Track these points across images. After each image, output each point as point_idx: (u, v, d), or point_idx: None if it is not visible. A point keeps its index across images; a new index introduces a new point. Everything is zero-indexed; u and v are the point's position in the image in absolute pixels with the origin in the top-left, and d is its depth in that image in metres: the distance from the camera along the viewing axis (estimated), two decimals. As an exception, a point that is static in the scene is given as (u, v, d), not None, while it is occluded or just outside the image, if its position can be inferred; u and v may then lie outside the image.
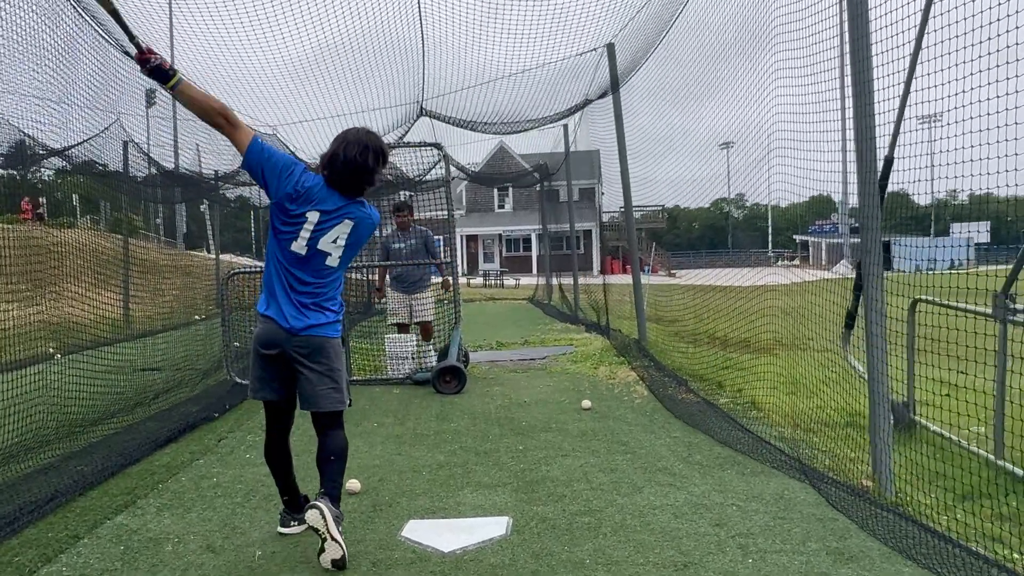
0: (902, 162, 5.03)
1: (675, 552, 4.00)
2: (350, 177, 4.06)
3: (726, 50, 8.15)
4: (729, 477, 5.24)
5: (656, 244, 40.73)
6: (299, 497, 4.46)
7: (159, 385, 8.90)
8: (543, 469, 5.60)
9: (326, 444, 4.18)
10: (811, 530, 4.23)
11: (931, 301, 5.71)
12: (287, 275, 4.10)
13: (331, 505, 3.95)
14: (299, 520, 4.31)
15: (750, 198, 59.02)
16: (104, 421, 7.04)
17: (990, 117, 3.67)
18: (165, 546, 4.29)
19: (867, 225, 4.79)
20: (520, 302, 25.76)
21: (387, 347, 9.86)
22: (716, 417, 6.82)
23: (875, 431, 4.81)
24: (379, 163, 4.10)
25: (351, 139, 4.08)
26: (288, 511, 4.46)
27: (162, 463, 6.01)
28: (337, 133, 4.17)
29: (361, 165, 4.04)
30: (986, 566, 3.58)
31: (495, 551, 4.10)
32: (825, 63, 5.15)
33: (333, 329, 4.18)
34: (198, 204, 26.07)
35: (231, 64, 9.48)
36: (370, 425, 7.19)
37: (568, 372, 9.88)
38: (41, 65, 6.65)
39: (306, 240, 4.04)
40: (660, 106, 11.12)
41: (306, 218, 4.03)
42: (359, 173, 4.06)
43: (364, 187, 4.14)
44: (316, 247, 4.06)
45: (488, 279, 39.83)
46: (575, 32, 10.43)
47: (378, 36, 10.10)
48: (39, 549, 4.25)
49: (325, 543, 3.85)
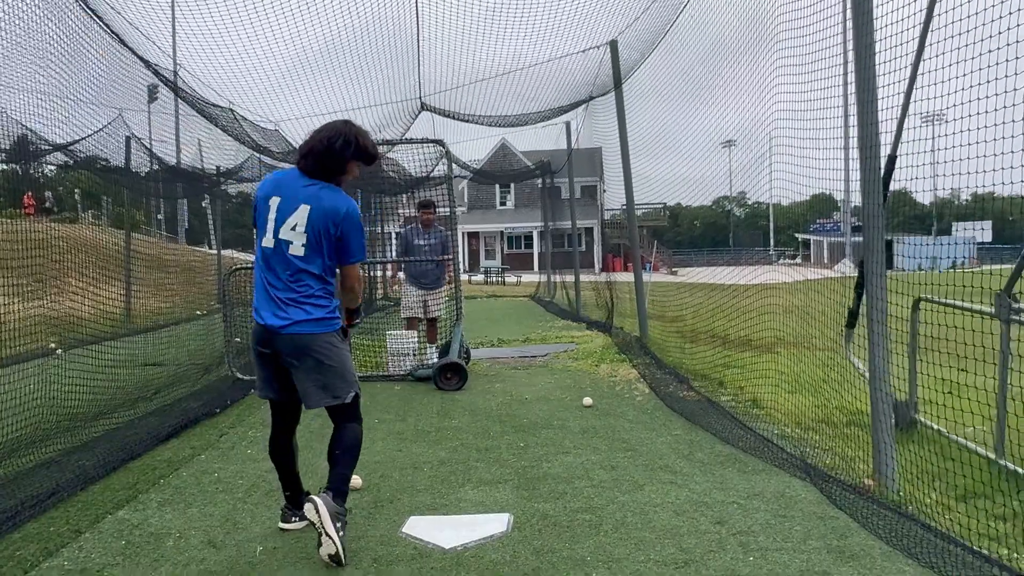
0: (904, 160, 5.02)
1: (676, 550, 4.00)
2: (315, 159, 4.12)
3: (729, 48, 8.14)
4: (730, 475, 5.24)
5: (658, 242, 40.71)
6: (301, 494, 4.46)
7: (161, 380, 8.90)
8: (544, 466, 5.60)
9: (334, 436, 4.22)
10: (812, 528, 4.23)
11: (934, 300, 5.71)
12: (264, 273, 4.14)
13: (331, 500, 3.92)
14: (300, 516, 4.31)
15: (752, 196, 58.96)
16: (106, 415, 7.05)
17: (994, 114, 3.66)
18: (166, 541, 4.30)
19: (870, 223, 4.78)
20: (522, 299, 25.76)
21: (388, 344, 9.89)
22: (717, 415, 6.82)
23: (877, 430, 4.80)
24: (347, 149, 4.13)
25: (325, 127, 4.20)
26: (290, 507, 4.46)
27: (164, 458, 6.02)
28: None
29: (326, 148, 4.10)
30: (987, 565, 3.58)
31: (496, 548, 4.10)
32: (828, 60, 5.14)
33: (318, 325, 4.10)
34: (200, 199, 26.09)
35: (233, 60, 9.48)
36: (371, 421, 7.18)
37: (569, 369, 9.88)
38: (44, 60, 6.66)
39: (271, 231, 4.08)
40: (663, 104, 11.11)
41: (269, 206, 4.09)
42: (324, 155, 4.11)
43: (331, 171, 4.16)
44: (278, 236, 4.06)
45: (489, 276, 39.79)
46: (578, 30, 10.44)
47: (380, 31, 10.11)
48: (41, 543, 4.25)
49: (321, 537, 3.86)
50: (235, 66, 9.59)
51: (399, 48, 10.89)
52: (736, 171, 8.64)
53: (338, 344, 4.20)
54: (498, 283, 37.60)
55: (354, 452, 4.22)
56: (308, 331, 4.06)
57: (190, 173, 16.96)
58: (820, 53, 5.25)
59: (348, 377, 4.21)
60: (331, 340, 4.15)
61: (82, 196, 22.70)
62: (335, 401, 4.18)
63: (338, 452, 4.16)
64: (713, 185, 12.61)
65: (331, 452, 4.18)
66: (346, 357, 4.25)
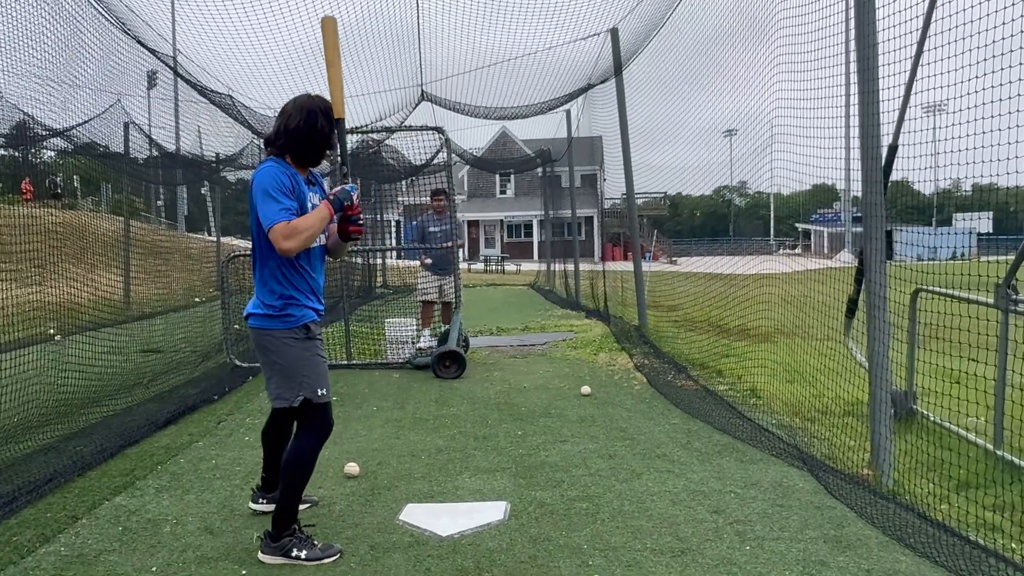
0: (905, 150, 5.00)
1: (672, 538, 4.00)
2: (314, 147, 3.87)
3: (730, 36, 8.11)
4: (728, 464, 5.24)
5: (657, 231, 40.68)
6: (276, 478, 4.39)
7: (159, 367, 8.90)
8: (542, 454, 5.60)
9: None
10: (809, 518, 4.24)
11: (933, 290, 5.70)
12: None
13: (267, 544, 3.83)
14: (268, 499, 4.35)
15: (752, 186, 58.85)
16: (103, 402, 7.05)
17: (996, 104, 3.64)
18: (163, 527, 4.30)
19: (870, 213, 4.77)
20: (521, 288, 25.75)
21: (387, 331, 9.91)
22: (715, 404, 6.82)
23: (875, 420, 4.80)
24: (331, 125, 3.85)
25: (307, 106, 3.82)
26: (261, 488, 4.49)
27: (161, 445, 6.02)
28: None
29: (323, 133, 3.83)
30: (984, 555, 3.58)
31: (493, 536, 4.10)
32: (830, 49, 5.12)
33: (260, 320, 3.83)
34: (199, 186, 26.03)
35: (233, 48, 9.44)
36: (369, 409, 7.19)
37: (568, 358, 9.88)
38: (41, 44, 6.62)
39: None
40: (663, 93, 11.08)
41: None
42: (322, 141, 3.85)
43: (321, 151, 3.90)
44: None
45: (489, 265, 39.78)
46: (579, 16, 10.39)
47: (379, 18, 10.06)
48: (37, 529, 4.25)
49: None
50: (233, 52, 9.56)
51: (399, 35, 10.85)
52: (737, 160, 8.62)
53: (280, 345, 3.82)
54: (498, 272, 37.59)
55: (295, 472, 3.85)
56: (253, 324, 3.87)
57: (189, 160, 16.92)
58: (822, 42, 5.22)
59: (286, 381, 3.85)
60: (272, 338, 3.82)
61: (81, 182, 22.65)
62: (279, 402, 3.88)
63: (281, 469, 3.94)
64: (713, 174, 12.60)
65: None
66: (299, 357, 3.83)
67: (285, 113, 3.84)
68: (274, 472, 4.38)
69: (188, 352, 10.05)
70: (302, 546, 3.82)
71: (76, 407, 6.70)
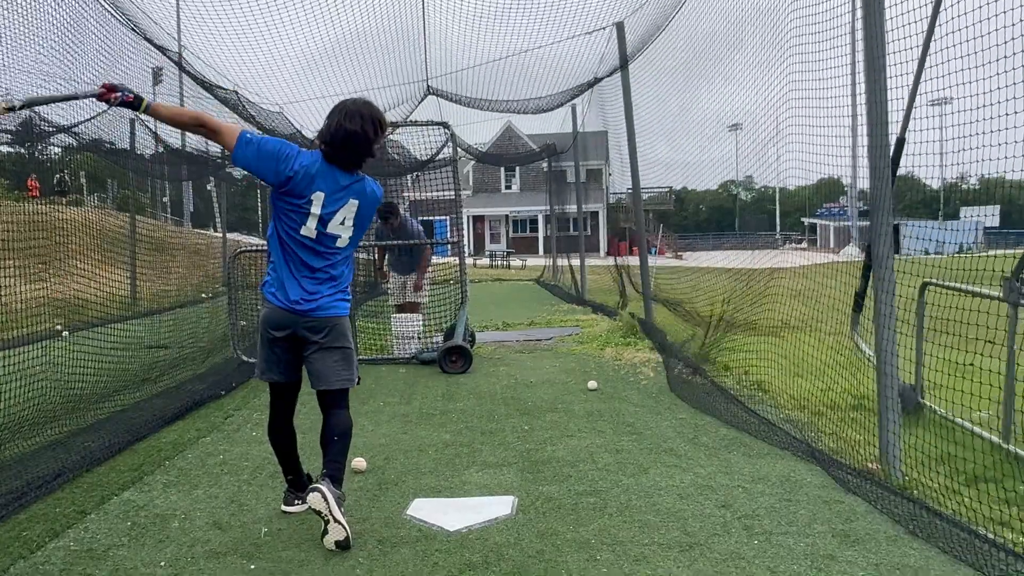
0: (912, 146, 4.99)
1: (680, 533, 4.00)
2: (350, 150, 4.02)
3: (737, 31, 8.08)
4: (735, 459, 5.24)
5: (663, 226, 40.61)
6: (302, 476, 4.47)
7: (166, 362, 8.92)
8: (549, 449, 5.60)
9: (330, 423, 4.16)
10: (817, 512, 4.23)
11: (941, 284, 5.68)
12: (295, 259, 4.05)
13: (332, 487, 3.92)
14: (302, 499, 4.32)
15: (759, 180, 58.72)
16: (111, 397, 7.06)
17: (1002, 93, 3.62)
18: (172, 522, 4.31)
19: (877, 206, 4.75)
20: (527, 283, 25.74)
21: (393, 327, 9.91)
22: (723, 399, 6.80)
23: (883, 414, 4.78)
24: (378, 134, 4.07)
25: (350, 109, 4.02)
26: (292, 490, 4.47)
27: (169, 440, 6.03)
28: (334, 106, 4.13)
29: (361, 137, 3.99)
30: (993, 549, 3.57)
31: (500, 530, 4.10)
32: (837, 40, 5.09)
33: (343, 308, 4.19)
34: (205, 182, 26.07)
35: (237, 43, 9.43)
36: (376, 404, 7.20)
37: (574, 353, 9.88)
38: (46, 41, 6.63)
39: (315, 224, 4.00)
40: (670, 87, 11.05)
41: (311, 200, 3.98)
42: (359, 145, 4.02)
43: (364, 159, 4.10)
44: (325, 230, 4.03)
45: (495, 260, 39.78)
46: (584, 10, 10.37)
47: (385, 13, 10.05)
48: (46, 524, 4.27)
49: (328, 525, 3.83)
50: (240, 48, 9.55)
51: (405, 30, 10.83)
52: (743, 155, 8.60)
53: (350, 328, 4.30)
54: (503, 267, 37.59)
55: (349, 437, 4.25)
56: (334, 313, 4.13)
57: (195, 156, 16.93)
58: (829, 34, 5.20)
59: (355, 362, 4.30)
60: (347, 323, 4.26)
61: (87, 179, 22.69)
62: (348, 384, 4.22)
63: (336, 437, 4.14)
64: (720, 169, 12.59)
65: (328, 438, 4.13)
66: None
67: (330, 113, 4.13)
68: (296, 471, 4.45)
69: (195, 348, 10.07)
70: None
71: (83, 403, 6.72)
